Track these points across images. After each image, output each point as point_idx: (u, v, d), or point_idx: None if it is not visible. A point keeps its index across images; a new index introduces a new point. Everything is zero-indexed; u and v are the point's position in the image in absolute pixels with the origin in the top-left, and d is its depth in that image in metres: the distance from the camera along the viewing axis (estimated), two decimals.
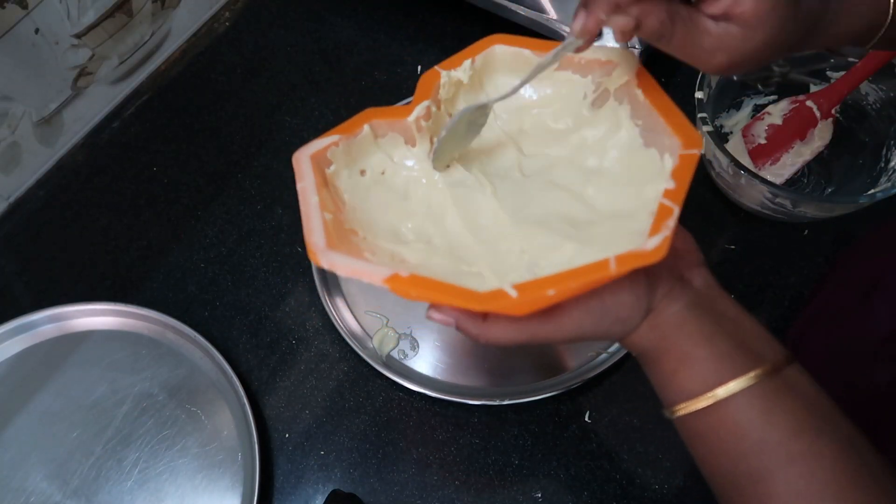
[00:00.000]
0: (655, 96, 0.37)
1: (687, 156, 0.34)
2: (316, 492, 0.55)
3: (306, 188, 0.36)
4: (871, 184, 0.58)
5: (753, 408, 0.32)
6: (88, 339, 0.59)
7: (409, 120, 0.39)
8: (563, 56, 0.35)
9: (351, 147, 0.39)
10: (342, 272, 0.33)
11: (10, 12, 0.57)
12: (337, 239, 0.35)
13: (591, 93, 0.40)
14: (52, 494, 0.54)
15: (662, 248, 0.31)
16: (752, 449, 0.32)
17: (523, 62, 0.41)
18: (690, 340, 0.34)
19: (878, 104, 0.59)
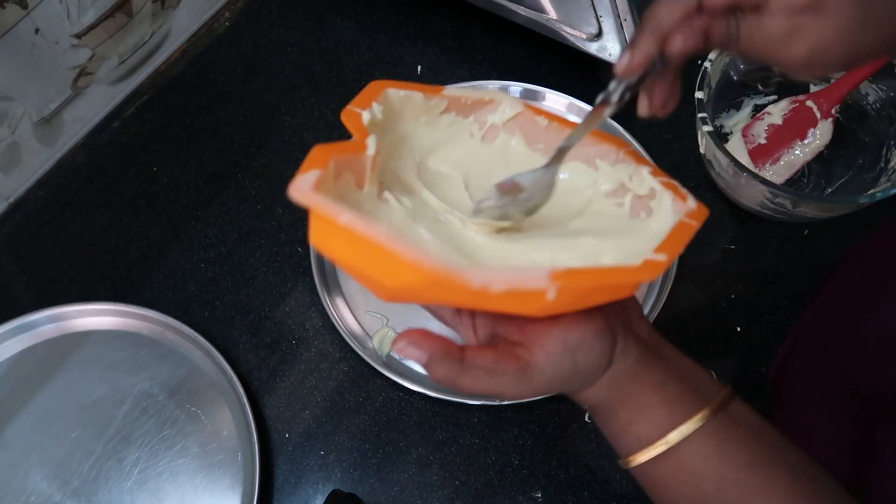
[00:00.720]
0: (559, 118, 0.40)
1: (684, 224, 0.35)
2: (316, 492, 0.55)
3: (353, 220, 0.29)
4: (871, 184, 0.58)
5: (708, 447, 0.33)
6: (88, 339, 0.59)
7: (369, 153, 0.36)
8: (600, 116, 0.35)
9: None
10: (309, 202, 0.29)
11: (10, 12, 0.57)
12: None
13: (477, 131, 0.42)
14: (52, 494, 0.54)
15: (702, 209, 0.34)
16: (712, 488, 0.33)
17: (413, 105, 0.40)
18: (644, 389, 0.34)
19: (878, 104, 0.59)
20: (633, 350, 0.34)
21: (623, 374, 0.34)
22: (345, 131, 0.35)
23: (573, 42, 0.65)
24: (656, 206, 0.37)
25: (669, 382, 0.34)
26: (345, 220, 0.28)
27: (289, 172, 0.68)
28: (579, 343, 0.32)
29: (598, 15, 0.61)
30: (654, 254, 0.32)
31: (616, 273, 0.30)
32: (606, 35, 0.62)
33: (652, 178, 0.37)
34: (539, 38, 0.68)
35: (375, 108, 0.37)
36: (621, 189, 0.39)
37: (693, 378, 0.34)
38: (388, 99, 0.38)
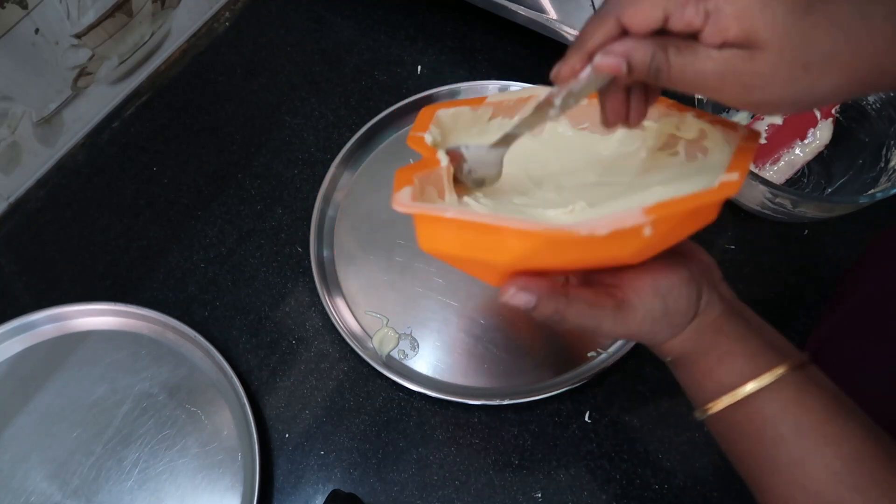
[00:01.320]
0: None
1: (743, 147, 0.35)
2: (316, 492, 0.55)
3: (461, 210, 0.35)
4: (871, 184, 0.58)
5: (787, 397, 0.35)
6: (88, 339, 0.59)
7: (443, 165, 0.39)
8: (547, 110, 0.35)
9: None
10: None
11: (10, 12, 0.57)
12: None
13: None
14: (52, 494, 0.54)
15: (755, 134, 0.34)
16: (789, 433, 0.34)
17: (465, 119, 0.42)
18: (728, 340, 0.37)
19: (878, 104, 0.59)
20: (717, 304, 0.37)
21: (708, 325, 0.37)
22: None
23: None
24: (710, 144, 0.38)
25: (751, 337, 0.36)
26: (451, 214, 0.33)
27: (289, 172, 0.69)
28: (668, 288, 0.36)
29: None
30: (726, 174, 0.32)
31: (699, 197, 0.31)
32: None
33: (697, 121, 0.38)
34: (539, 38, 0.68)
35: (433, 131, 0.41)
36: (672, 140, 0.40)
37: (773, 338, 0.37)
38: (440, 120, 0.42)
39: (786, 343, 0.37)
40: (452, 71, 0.73)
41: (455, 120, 0.43)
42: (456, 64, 0.73)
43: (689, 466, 0.54)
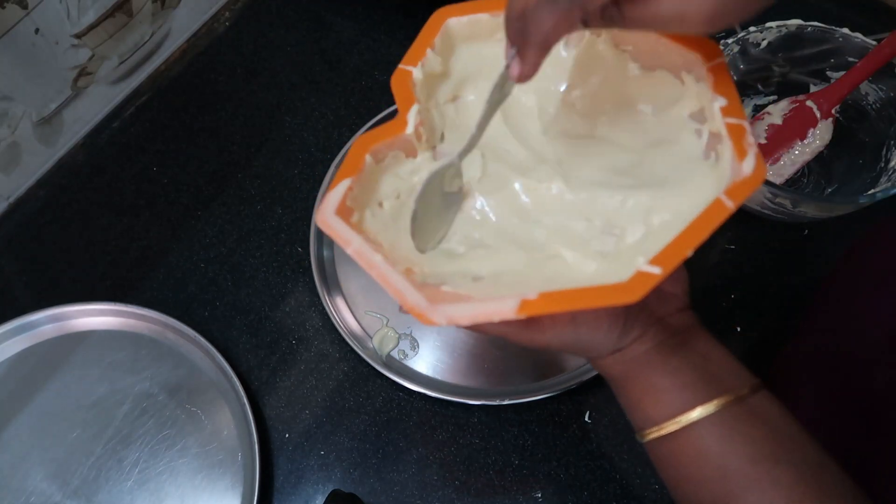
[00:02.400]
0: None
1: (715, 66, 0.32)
2: (316, 492, 0.55)
3: (360, 251, 0.33)
4: (871, 184, 0.58)
5: (713, 435, 0.34)
6: (88, 339, 0.59)
7: (409, 132, 0.37)
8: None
9: (362, 185, 0.36)
10: (464, 321, 0.30)
11: (10, 12, 0.57)
12: (420, 289, 0.32)
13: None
14: (52, 494, 0.54)
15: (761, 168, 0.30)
16: (713, 475, 0.33)
17: (482, 28, 0.38)
18: (655, 373, 0.35)
19: (878, 104, 0.59)
20: (651, 337, 0.36)
21: (636, 357, 0.36)
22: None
23: None
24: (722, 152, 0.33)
25: (685, 370, 0.35)
26: (351, 251, 0.32)
27: (289, 172, 0.68)
28: (587, 321, 0.35)
29: None
30: (648, 265, 0.29)
31: (589, 297, 0.30)
32: None
33: (721, 118, 0.33)
34: None
35: (430, 60, 0.37)
36: (700, 113, 0.35)
37: (716, 369, 0.35)
38: (448, 34, 0.38)
39: (733, 371, 0.36)
40: None
41: (471, 30, 0.38)
42: None
43: None
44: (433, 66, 0.38)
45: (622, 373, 0.37)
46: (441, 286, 0.34)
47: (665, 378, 0.35)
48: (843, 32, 0.57)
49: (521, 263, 0.36)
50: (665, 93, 0.36)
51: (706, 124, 0.34)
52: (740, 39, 0.59)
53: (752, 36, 0.59)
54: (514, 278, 0.35)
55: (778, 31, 0.59)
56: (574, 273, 0.35)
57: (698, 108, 0.35)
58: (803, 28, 0.58)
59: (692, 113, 0.35)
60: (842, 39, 0.58)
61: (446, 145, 0.39)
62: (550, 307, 0.29)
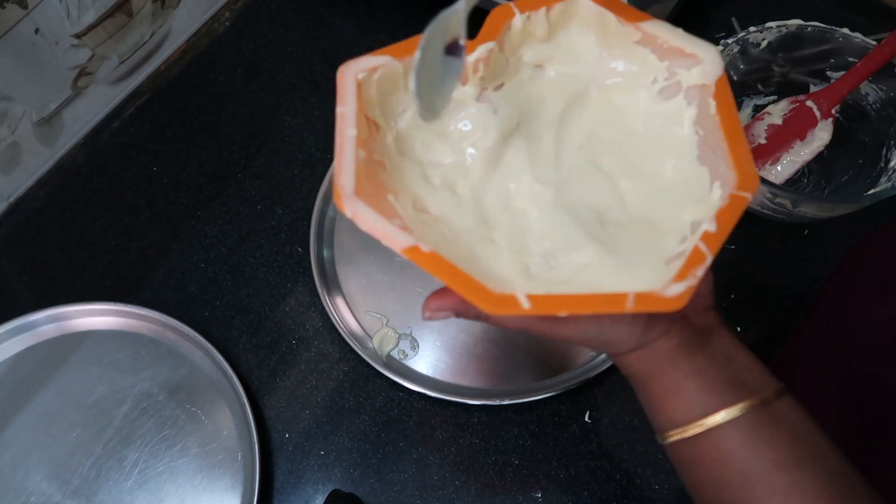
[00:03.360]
0: (728, 116, 0.33)
1: (738, 197, 0.31)
2: (316, 492, 0.55)
3: (346, 114, 0.33)
4: (871, 184, 0.58)
5: (737, 439, 0.33)
6: (88, 339, 0.59)
7: (469, 59, 0.35)
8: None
9: (403, 69, 0.35)
10: (363, 226, 0.31)
11: (10, 12, 0.57)
12: (366, 179, 0.32)
13: (663, 80, 0.36)
14: (52, 494, 0.54)
15: (683, 299, 0.29)
16: (736, 479, 0.33)
17: (605, 26, 0.36)
18: (679, 373, 0.35)
19: (878, 104, 0.59)
20: (676, 335, 0.35)
21: (659, 354, 0.35)
22: None
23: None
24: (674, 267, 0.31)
25: (709, 371, 0.34)
26: (339, 110, 0.32)
27: (289, 172, 0.69)
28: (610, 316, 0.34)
29: None
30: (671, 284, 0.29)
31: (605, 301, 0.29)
32: None
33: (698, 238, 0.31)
34: None
35: (538, 18, 0.36)
36: (697, 226, 0.33)
37: (741, 372, 0.35)
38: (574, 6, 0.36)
39: (758, 374, 0.35)
40: None
41: (594, 20, 0.37)
42: None
43: None
44: (536, 25, 0.36)
45: (645, 371, 0.36)
46: (393, 191, 0.34)
47: (689, 379, 0.34)
48: (843, 32, 0.57)
49: (464, 227, 0.35)
50: (693, 189, 0.35)
51: (690, 239, 0.33)
52: (740, 39, 0.59)
53: (752, 36, 0.59)
54: (449, 233, 0.35)
55: (778, 31, 0.59)
56: (492, 267, 0.35)
57: (699, 221, 0.33)
58: (803, 28, 0.58)
59: (694, 221, 0.34)
60: (842, 39, 0.58)
61: (497, 95, 0.38)
62: (435, 268, 0.30)
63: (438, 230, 0.35)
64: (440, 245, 0.32)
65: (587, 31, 0.37)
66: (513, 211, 0.37)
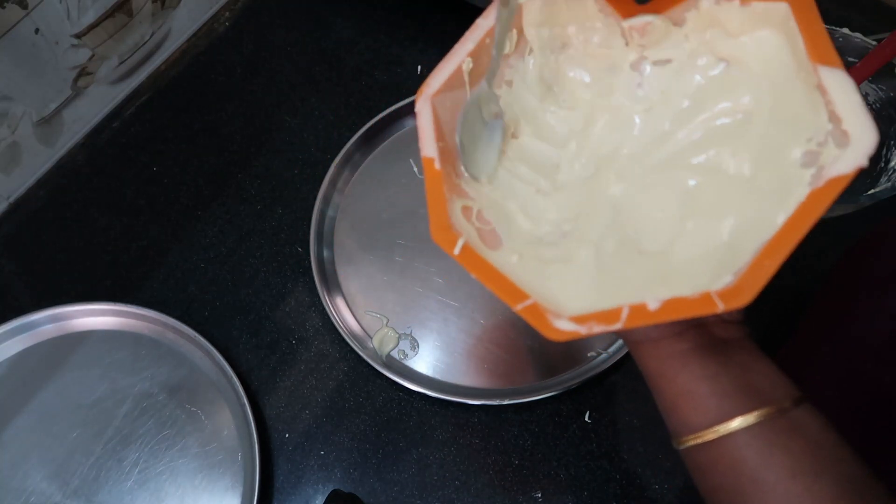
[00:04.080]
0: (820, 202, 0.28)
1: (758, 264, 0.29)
2: (316, 492, 0.55)
3: (479, 26, 0.32)
4: (871, 184, 0.58)
5: (752, 447, 0.33)
6: (88, 339, 0.59)
7: (624, 23, 0.33)
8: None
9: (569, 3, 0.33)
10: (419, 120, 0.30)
11: (10, 12, 0.57)
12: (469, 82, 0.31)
13: (815, 145, 0.30)
14: (52, 494, 0.54)
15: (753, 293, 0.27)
16: (750, 488, 0.33)
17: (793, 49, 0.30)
18: (691, 376, 0.34)
19: (878, 104, 0.59)
20: (690, 340, 0.35)
21: (672, 354, 0.35)
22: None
23: None
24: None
25: (723, 378, 0.34)
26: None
27: (289, 172, 0.69)
28: None
29: None
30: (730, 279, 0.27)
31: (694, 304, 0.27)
32: None
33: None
34: None
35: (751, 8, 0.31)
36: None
37: (757, 380, 0.34)
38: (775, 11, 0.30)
39: (776, 382, 0.35)
40: None
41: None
42: None
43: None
44: (731, 15, 0.32)
45: (658, 369, 0.36)
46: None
47: (703, 384, 0.34)
48: (843, 32, 0.57)
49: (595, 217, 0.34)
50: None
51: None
52: None
53: None
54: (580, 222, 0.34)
55: None
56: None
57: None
58: None
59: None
60: (842, 39, 0.58)
61: (654, 73, 0.34)
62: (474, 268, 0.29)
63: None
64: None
65: (780, 48, 0.31)
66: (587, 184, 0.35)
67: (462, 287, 0.60)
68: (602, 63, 0.34)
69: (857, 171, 0.26)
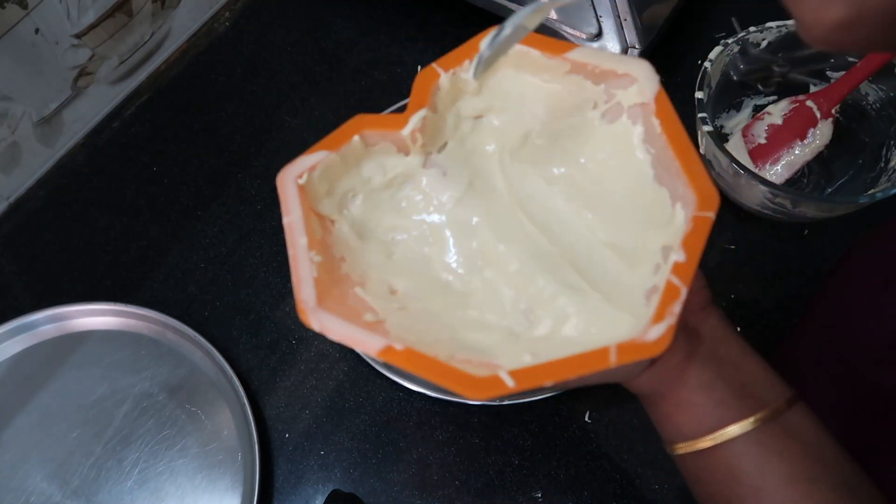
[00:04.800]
0: (673, 132, 0.33)
1: (702, 219, 0.31)
2: (316, 492, 0.55)
3: (293, 225, 0.34)
4: (871, 184, 0.58)
5: (749, 454, 0.33)
6: (88, 339, 0.59)
7: (404, 133, 0.36)
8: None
9: (342, 159, 0.36)
10: (333, 336, 0.30)
11: (10, 12, 0.57)
12: (328, 281, 0.32)
13: (603, 104, 0.36)
14: (52, 494, 0.54)
15: (665, 340, 0.29)
16: (746, 493, 0.33)
17: (530, 62, 0.36)
18: (686, 388, 0.34)
19: (878, 104, 0.59)
20: (681, 348, 0.34)
21: (666, 371, 0.35)
22: None
23: (573, 42, 0.65)
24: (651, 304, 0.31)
25: (718, 385, 0.34)
26: (286, 221, 0.34)
27: None
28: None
29: (598, 15, 0.61)
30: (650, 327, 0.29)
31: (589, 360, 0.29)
32: (606, 35, 0.63)
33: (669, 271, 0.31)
34: None
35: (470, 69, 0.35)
36: (668, 251, 0.32)
37: (751, 381, 0.34)
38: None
39: (768, 382, 0.35)
40: None
41: (520, 59, 0.36)
42: None
43: None
44: (464, 77, 0.36)
45: (654, 389, 0.36)
46: (360, 282, 0.34)
47: (697, 393, 0.34)
48: None
49: (443, 310, 0.35)
50: (656, 212, 0.34)
51: (663, 268, 0.32)
52: (740, 39, 0.59)
53: (752, 36, 0.59)
54: (424, 311, 0.35)
55: (778, 31, 0.59)
56: (475, 338, 0.34)
57: (669, 246, 0.32)
58: None
59: (664, 246, 0.33)
60: None
61: (442, 157, 0.38)
62: (412, 365, 0.30)
63: (414, 311, 0.35)
64: (417, 329, 0.32)
65: (517, 72, 0.37)
66: (483, 274, 0.37)
67: None
68: (399, 187, 0.38)
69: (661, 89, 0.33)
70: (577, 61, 0.35)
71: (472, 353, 0.31)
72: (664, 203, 0.33)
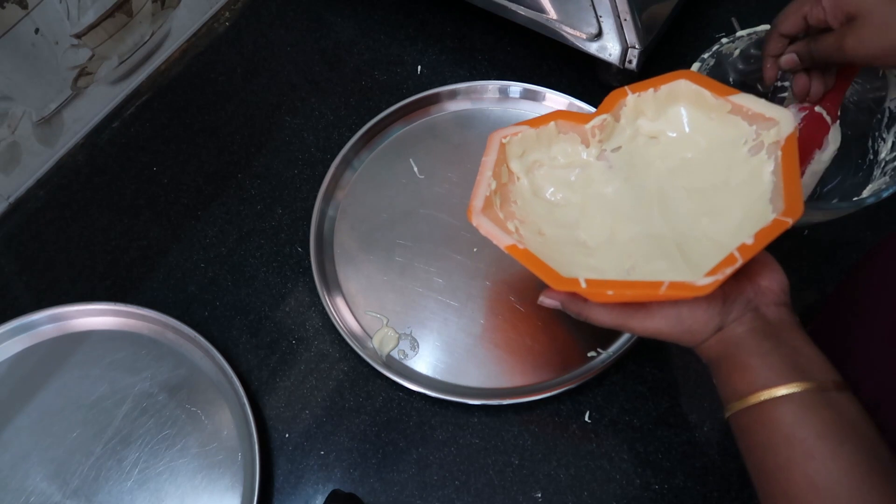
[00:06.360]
0: (788, 160, 0.42)
1: (778, 221, 0.40)
2: (316, 492, 0.55)
3: (487, 161, 0.47)
4: (864, 178, 0.58)
5: (789, 410, 0.37)
6: (88, 339, 0.59)
7: (587, 126, 0.49)
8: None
9: (537, 136, 0.49)
10: (482, 231, 0.44)
11: (10, 12, 0.57)
12: (496, 204, 0.47)
13: (751, 141, 0.46)
14: (52, 494, 0.54)
15: (710, 287, 0.38)
16: (780, 441, 0.37)
17: (702, 102, 0.47)
18: (746, 353, 0.40)
19: (855, 96, 0.59)
20: (747, 322, 0.40)
21: (730, 338, 0.41)
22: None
23: (573, 42, 0.65)
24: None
25: (774, 356, 0.39)
26: (485, 159, 0.47)
27: (289, 172, 0.69)
28: (687, 303, 0.40)
29: (598, 15, 0.61)
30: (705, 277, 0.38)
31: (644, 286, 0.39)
32: (606, 35, 0.63)
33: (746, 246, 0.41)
34: (539, 38, 0.68)
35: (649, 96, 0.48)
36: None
37: (805, 363, 0.39)
38: (676, 93, 0.48)
39: (821, 366, 0.39)
40: (452, 71, 0.73)
41: (694, 98, 0.48)
42: (456, 64, 0.73)
43: (689, 466, 0.54)
44: (647, 106, 0.48)
45: (720, 353, 0.41)
46: (521, 219, 0.48)
47: (754, 358, 0.39)
48: None
49: (571, 249, 0.47)
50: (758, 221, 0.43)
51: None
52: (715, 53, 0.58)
53: (724, 48, 0.59)
54: (556, 247, 0.47)
55: (749, 39, 0.59)
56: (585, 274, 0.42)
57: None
58: None
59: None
60: None
61: (615, 155, 0.50)
62: (524, 260, 0.43)
63: (549, 244, 0.47)
64: (543, 253, 0.43)
65: (689, 107, 0.48)
66: (609, 239, 0.48)
67: (462, 287, 0.60)
68: (573, 168, 0.51)
69: (796, 131, 0.43)
70: (736, 103, 0.46)
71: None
72: (768, 217, 0.42)
